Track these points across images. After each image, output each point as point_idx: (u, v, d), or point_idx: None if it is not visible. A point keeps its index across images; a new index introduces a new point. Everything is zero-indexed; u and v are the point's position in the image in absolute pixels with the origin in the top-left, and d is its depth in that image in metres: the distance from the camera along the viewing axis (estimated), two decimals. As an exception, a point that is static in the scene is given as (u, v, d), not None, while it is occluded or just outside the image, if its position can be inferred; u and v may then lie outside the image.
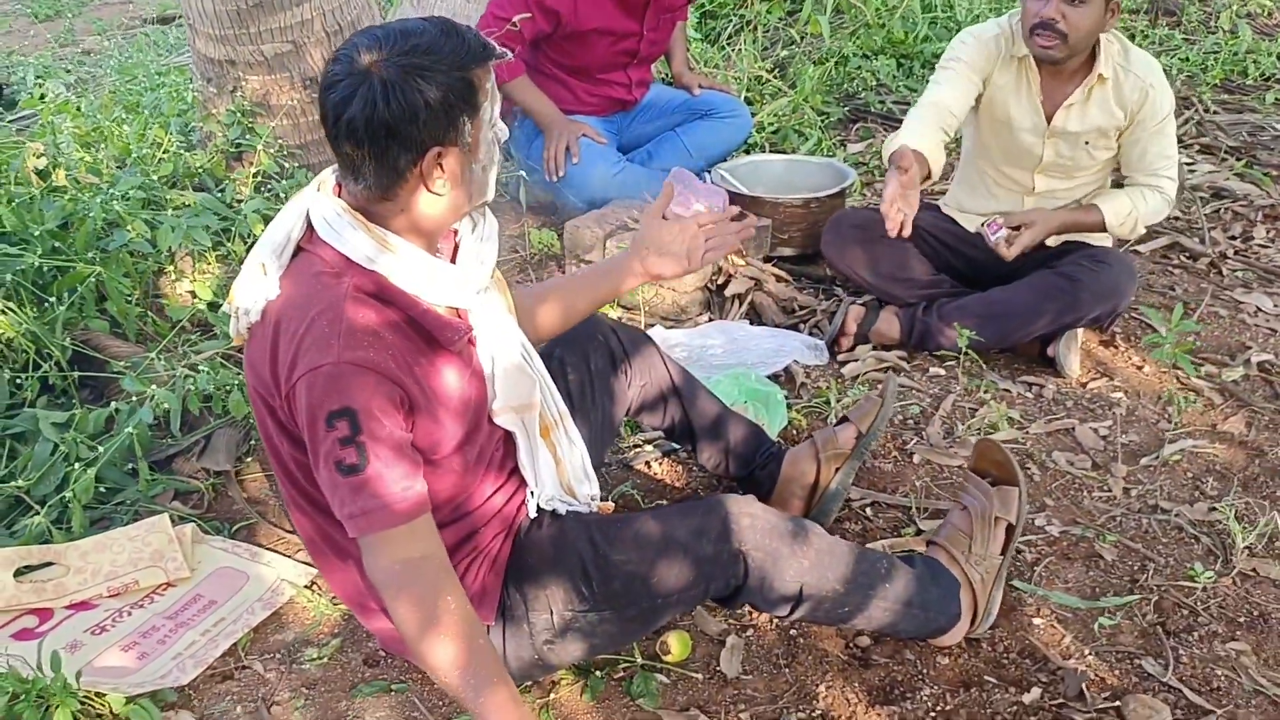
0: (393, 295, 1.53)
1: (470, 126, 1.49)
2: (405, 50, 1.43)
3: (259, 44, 3.00)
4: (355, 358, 1.44)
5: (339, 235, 1.51)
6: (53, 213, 2.64)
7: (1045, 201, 2.90)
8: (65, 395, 2.50)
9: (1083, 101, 2.75)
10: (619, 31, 3.49)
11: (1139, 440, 2.59)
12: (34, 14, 6.58)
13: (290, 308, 1.50)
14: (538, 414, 1.77)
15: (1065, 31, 2.58)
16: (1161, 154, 2.78)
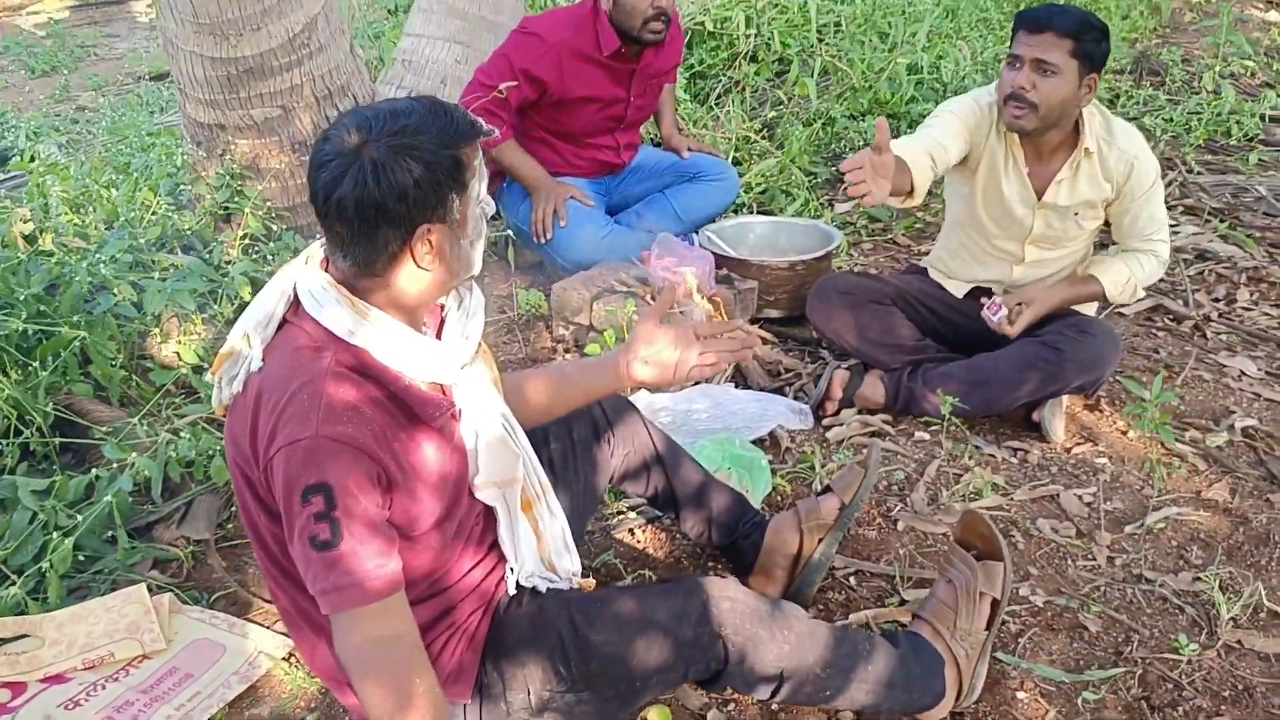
0: (375, 371, 1.54)
1: (458, 203, 1.51)
2: (394, 130, 1.45)
3: (249, 109, 3.02)
4: (334, 433, 1.44)
5: (323, 309, 1.52)
6: (39, 276, 2.65)
7: (1034, 270, 2.92)
8: (47, 461, 2.49)
9: (1071, 176, 2.76)
10: (605, 98, 3.52)
11: (1123, 507, 2.58)
12: (30, 69, 6.63)
13: (272, 381, 1.50)
14: (519, 489, 1.77)
15: (1035, 102, 2.58)
16: (1152, 219, 2.80)
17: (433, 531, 1.62)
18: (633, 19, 3.33)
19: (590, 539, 2.43)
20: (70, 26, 7.82)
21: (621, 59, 3.47)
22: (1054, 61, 2.54)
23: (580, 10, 3.49)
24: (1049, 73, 2.56)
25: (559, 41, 3.39)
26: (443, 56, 4.13)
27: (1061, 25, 2.53)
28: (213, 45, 2.90)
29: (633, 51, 3.47)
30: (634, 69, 3.52)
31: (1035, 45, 2.55)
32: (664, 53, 3.62)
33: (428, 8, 4.20)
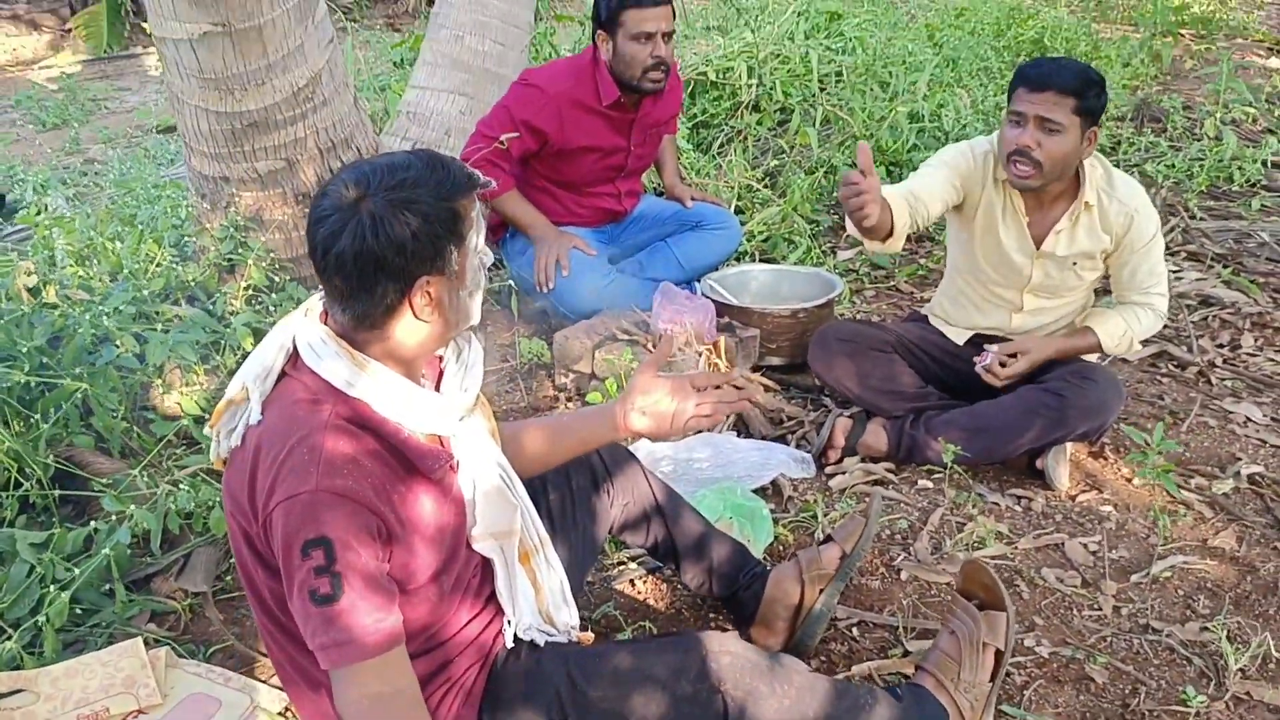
0: (373, 423, 1.54)
1: (456, 255, 1.52)
2: (392, 184, 1.47)
3: (253, 161, 3.05)
4: (333, 486, 1.43)
5: (322, 361, 1.52)
6: (42, 329, 2.66)
7: (1033, 318, 2.92)
8: (47, 513, 2.49)
9: (1070, 227, 2.76)
10: (606, 148, 3.55)
11: (1129, 556, 2.56)
12: (41, 122, 6.71)
13: (270, 434, 1.50)
14: (517, 540, 1.76)
15: (1040, 160, 2.58)
16: (1151, 272, 2.79)
17: (430, 584, 1.61)
18: (632, 68, 3.36)
19: (590, 590, 2.41)
20: (82, 80, 7.94)
21: (621, 109, 3.50)
22: (1058, 120, 2.54)
23: (580, 61, 3.53)
24: (1053, 131, 2.56)
25: (559, 92, 3.42)
26: (447, 108, 4.17)
27: (1063, 83, 2.53)
28: (218, 100, 2.93)
29: (632, 101, 3.50)
30: (634, 118, 3.55)
31: (1038, 103, 2.55)
32: (663, 102, 3.65)
33: (432, 61, 4.24)
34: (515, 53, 4.29)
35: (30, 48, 10.12)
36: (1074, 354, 2.81)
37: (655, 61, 3.35)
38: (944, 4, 7.09)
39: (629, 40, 3.33)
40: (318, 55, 3.03)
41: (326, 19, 3.11)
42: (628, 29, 3.32)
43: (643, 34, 3.31)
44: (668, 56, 3.38)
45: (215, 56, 2.86)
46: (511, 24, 4.26)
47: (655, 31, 3.31)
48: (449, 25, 4.23)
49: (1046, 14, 7.06)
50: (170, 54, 2.92)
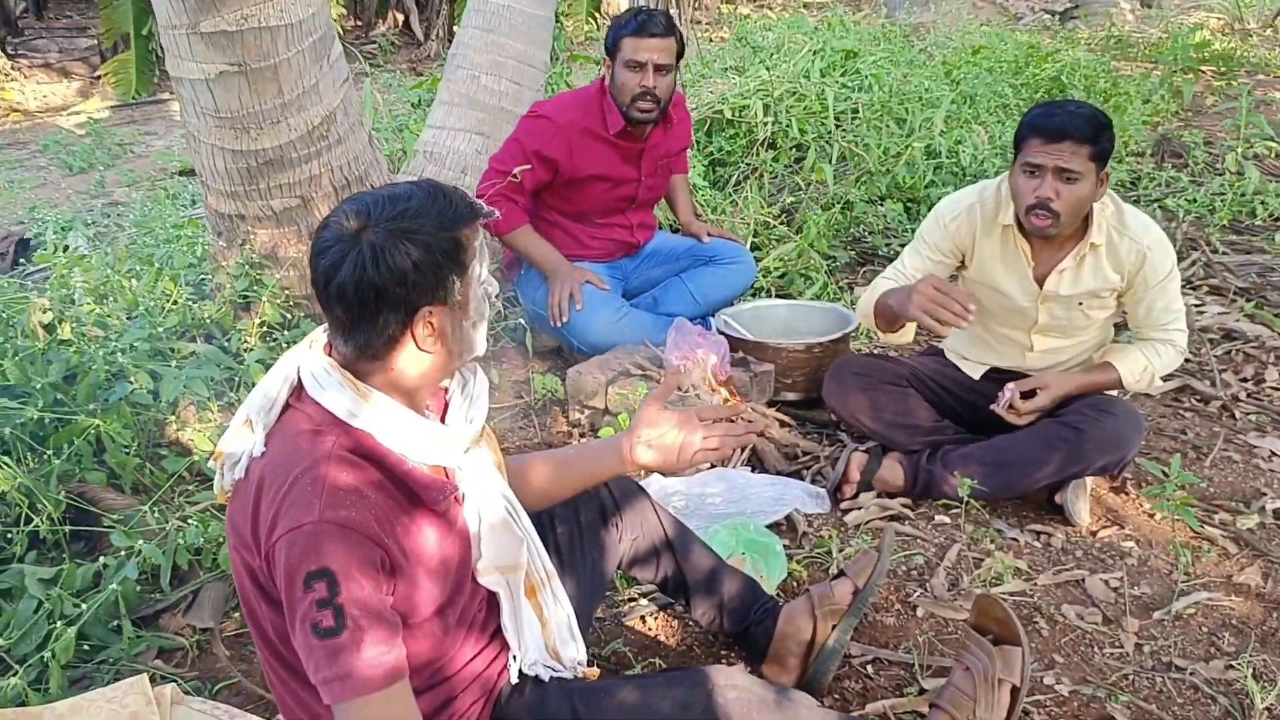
0: (376, 454, 1.53)
1: (459, 285, 1.52)
2: (393, 215, 1.47)
3: (268, 199, 3.07)
4: (336, 517, 1.42)
5: (325, 392, 1.52)
6: (57, 365, 2.67)
7: (1046, 359, 2.89)
8: (57, 549, 2.49)
9: (1075, 267, 2.72)
10: (616, 177, 3.56)
11: (1151, 592, 2.51)
12: (68, 166, 6.81)
13: (273, 466, 1.50)
14: (523, 574, 1.74)
15: (1059, 211, 2.55)
16: (1167, 309, 2.74)
17: (434, 618, 1.59)
18: (622, 95, 3.42)
19: (601, 626, 2.38)
20: (109, 125, 8.06)
21: (629, 138, 3.52)
22: (1076, 169, 2.51)
23: (588, 91, 3.57)
24: (1072, 180, 2.52)
25: (568, 122, 3.46)
26: (463, 147, 4.20)
27: (1079, 131, 2.50)
28: (233, 139, 2.96)
29: (640, 131, 3.52)
30: (643, 148, 3.58)
31: (1055, 154, 2.51)
32: (673, 133, 3.68)
33: (449, 100, 4.28)
34: (531, 92, 4.32)
35: (60, 95, 10.31)
36: (1094, 390, 2.76)
37: (642, 91, 3.38)
38: (961, 42, 7.10)
39: (623, 67, 3.40)
40: (332, 94, 3.06)
41: (341, 59, 3.15)
42: (623, 56, 3.39)
43: (635, 62, 3.37)
44: (660, 90, 3.41)
45: (231, 96, 2.90)
46: (527, 64, 4.29)
47: (646, 61, 3.36)
48: (465, 65, 4.27)
49: (1066, 53, 7.05)
50: (187, 94, 2.96)
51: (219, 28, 2.80)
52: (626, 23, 3.42)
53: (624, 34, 3.40)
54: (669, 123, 3.62)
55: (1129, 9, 11.52)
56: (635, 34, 3.37)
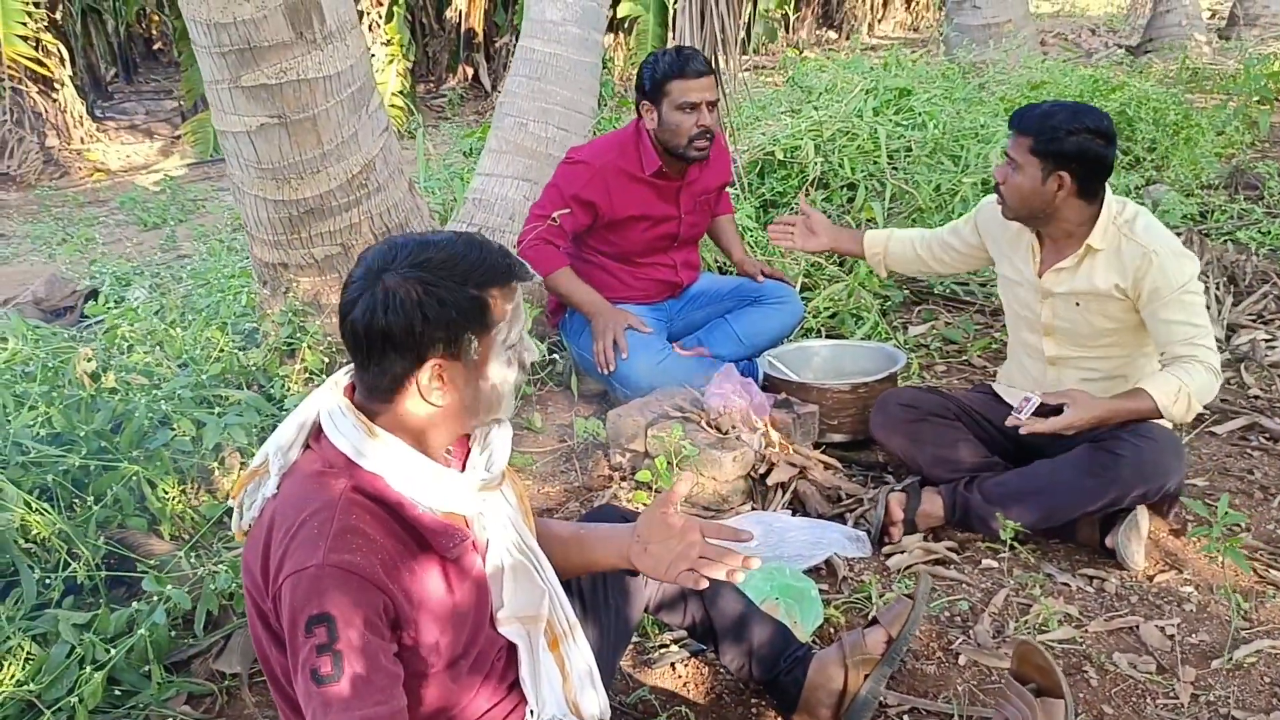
0: (386, 497, 1.51)
1: (477, 344, 1.50)
2: (417, 262, 1.47)
3: (310, 247, 3.12)
4: (341, 561, 1.41)
5: (340, 434, 1.51)
6: (103, 413, 2.73)
7: (1066, 371, 2.86)
8: (95, 594, 2.52)
9: (1072, 267, 2.75)
10: (656, 216, 3.56)
11: (1210, 640, 2.38)
12: (143, 222, 7.03)
13: (285, 507, 1.49)
14: (544, 625, 1.69)
15: (1004, 194, 2.73)
16: (1189, 322, 2.63)
17: (445, 667, 1.56)
18: (678, 137, 3.41)
19: (629, 674, 2.33)
20: (185, 182, 8.31)
21: (665, 177, 3.52)
22: (1014, 158, 2.68)
23: (623, 134, 3.58)
24: (1013, 168, 2.69)
25: (604, 164, 3.47)
26: (512, 194, 4.23)
27: (1020, 124, 2.69)
28: (275, 189, 3.02)
29: (676, 169, 3.53)
30: (680, 185, 3.57)
31: (1009, 141, 2.73)
32: (710, 169, 3.67)
33: (497, 148, 4.32)
34: (578, 138, 4.34)
35: (143, 154, 10.67)
36: (1127, 415, 2.63)
37: (700, 130, 3.39)
38: (1021, 79, 6.99)
39: (674, 110, 3.38)
40: (371, 143, 3.10)
41: (381, 109, 3.20)
42: (673, 99, 3.37)
43: (688, 104, 3.36)
44: (712, 124, 3.42)
45: (272, 147, 2.95)
46: (574, 110, 4.32)
47: (700, 101, 3.36)
48: (513, 113, 4.32)
49: (1134, 85, 6.90)
50: (231, 146, 3.02)
51: (259, 81, 2.86)
52: (669, 65, 3.40)
53: (670, 77, 3.38)
54: (705, 158, 3.61)
55: (1205, 41, 11.29)
56: (683, 75, 3.36)
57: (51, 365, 2.82)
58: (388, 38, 11.01)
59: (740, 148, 5.09)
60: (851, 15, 16.86)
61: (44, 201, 7.86)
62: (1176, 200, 5.30)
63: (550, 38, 4.30)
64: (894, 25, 18.39)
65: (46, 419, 2.66)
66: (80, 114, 10.37)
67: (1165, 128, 6.48)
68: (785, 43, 15.28)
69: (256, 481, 1.57)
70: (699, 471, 2.97)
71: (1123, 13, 16.29)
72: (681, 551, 1.68)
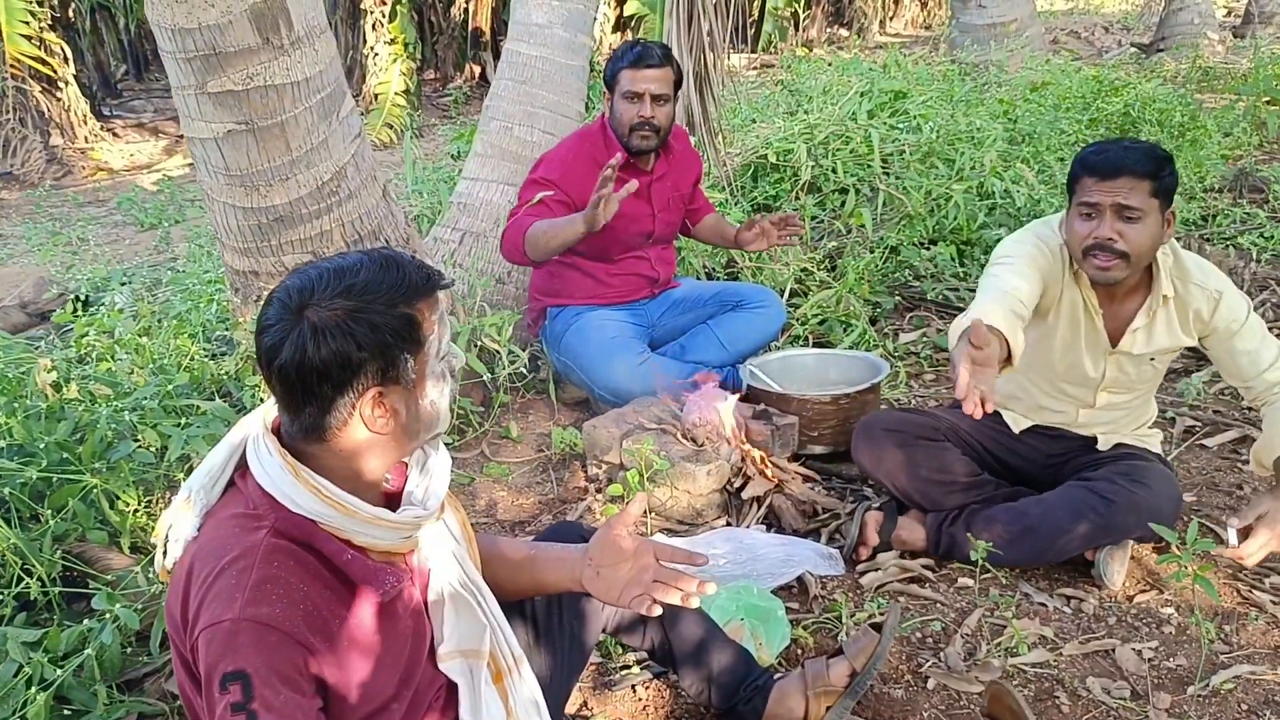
0: (314, 541, 1.43)
1: (413, 362, 1.43)
2: (339, 291, 1.38)
3: (280, 255, 3.07)
4: (258, 614, 1.33)
5: (266, 473, 1.42)
6: (65, 424, 2.68)
7: (1099, 415, 2.72)
8: (50, 610, 2.48)
9: (1148, 323, 2.53)
10: (629, 213, 3.48)
11: (1188, 664, 2.32)
12: (140, 222, 7.01)
13: (203, 553, 1.40)
14: (487, 660, 1.63)
15: (1126, 251, 2.37)
16: (1266, 345, 2.50)
17: (379, 710, 1.49)
18: (621, 126, 3.44)
19: (587, 693, 2.28)
20: (184, 182, 8.29)
21: (633, 170, 3.49)
22: (1137, 206, 2.34)
23: (589, 128, 3.61)
24: (1134, 218, 2.35)
25: (574, 156, 3.49)
26: (497, 199, 4.18)
27: (1137, 166, 2.33)
28: (244, 196, 2.97)
29: (643, 161, 3.53)
30: (650, 180, 3.55)
31: (1113, 191, 2.34)
32: (678, 164, 3.66)
33: (483, 152, 4.28)
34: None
35: (147, 153, 10.68)
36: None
37: (640, 121, 3.40)
38: (1021, 79, 6.90)
39: (621, 98, 3.42)
40: (343, 150, 3.05)
41: (354, 114, 3.15)
42: (621, 88, 3.42)
43: (633, 93, 3.39)
44: (659, 119, 3.42)
45: (240, 154, 2.91)
46: (560, 114, 4.27)
47: (643, 91, 3.38)
48: (499, 117, 4.27)
49: (1139, 86, 6.80)
50: (199, 153, 2.98)
51: (225, 87, 2.82)
52: (624, 55, 3.44)
53: (621, 66, 3.42)
54: (670, 152, 3.61)
55: (1218, 40, 11.16)
56: (632, 65, 3.39)
57: (12, 375, 2.77)
58: (391, 36, 10.99)
59: (733, 151, 5.03)
60: (862, 13, 16.75)
61: (42, 201, 7.85)
62: (1179, 205, 5.22)
63: (537, 41, 4.25)
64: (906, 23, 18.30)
65: (7, 430, 2.62)
66: (84, 113, 10.37)
67: (1170, 129, 6.38)
68: (795, 41, 15.20)
69: (180, 519, 1.48)
70: (673, 485, 2.92)
71: (1136, 10, 16.14)
72: (634, 576, 1.62)
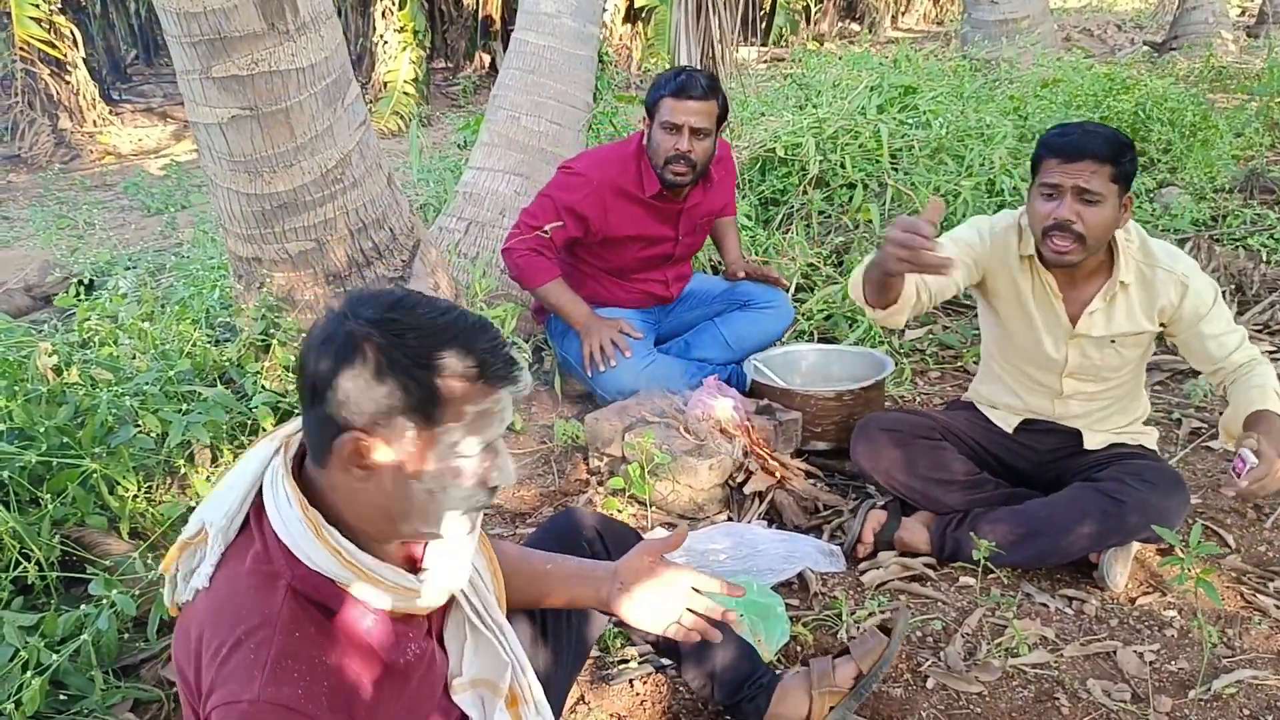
0: (335, 603, 1.33)
1: (414, 436, 1.28)
2: (376, 319, 1.27)
3: (283, 242, 3.06)
4: (278, 697, 1.24)
5: (285, 526, 1.31)
6: (66, 408, 2.67)
7: (1077, 405, 2.71)
8: (48, 595, 2.47)
9: (1105, 306, 2.55)
10: (651, 236, 3.47)
11: (1190, 668, 2.30)
12: (147, 207, 7.01)
13: (216, 617, 1.29)
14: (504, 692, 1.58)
15: (1083, 233, 2.40)
16: (1232, 330, 2.53)
17: None
18: (656, 156, 3.32)
19: (586, 687, 2.27)
20: (191, 167, 8.29)
21: (666, 199, 3.41)
22: (1097, 190, 2.37)
23: (624, 149, 3.46)
24: (1093, 201, 2.38)
25: (602, 180, 3.37)
26: (502, 189, 4.16)
27: (1099, 151, 2.36)
28: (247, 182, 2.96)
29: (678, 192, 3.41)
30: (681, 209, 3.47)
31: (1073, 173, 2.37)
32: (713, 192, 3.56)
33: (489, 142, 4.26)
34: (572, 132, 4.28)
35: (154, 138, 10.69)
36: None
37: (676, 154, 3.27)
38: (1032, 76, 6.86)
39: (659, 128, 3.29)
40: (348, 137, 3.04)
41: (358, 102, 3.13)
42: (661, 116, 3.29)
43: (672, 124, 3.26)
44: (697, 154, 3.29)
45: (244, 139, 2.89)
46: (568, 104, 4.25)
47: (683, 125, 3.25)
48: (506, 106, 4.25)
49: (1151, 84, 6.75)
50: (203, 138, 2.97)
51: (230, 72, 2.80)
52: (667, 82, 3.30)
53: (663, 94, 3.28)
54: (709, 182, 3.49)
55: (1231, 39, 11.10)
56: (674, 95, 3.25)
57: (13, 359, 2.76)
58: (401, 24, 10.97)
59: (741, 144, 5.00)
60: (873, 8, 16.69)
61: (49, 185, 7.85)
62: (1188, 204, 5.18)
63: (545, 30, 4.23)
64: (918, 18, 18.24)
65: (7, 414, 2.61)
66: (93, 96, 10.38)
67: (1181, 129, 6.34)
68: (806, 35, 15.15)
69: (193, 550, 1.38)
70: (674, 479, 2.90)
71: (1150, 9, 16.06)
72: (672, 604, 1.62)
